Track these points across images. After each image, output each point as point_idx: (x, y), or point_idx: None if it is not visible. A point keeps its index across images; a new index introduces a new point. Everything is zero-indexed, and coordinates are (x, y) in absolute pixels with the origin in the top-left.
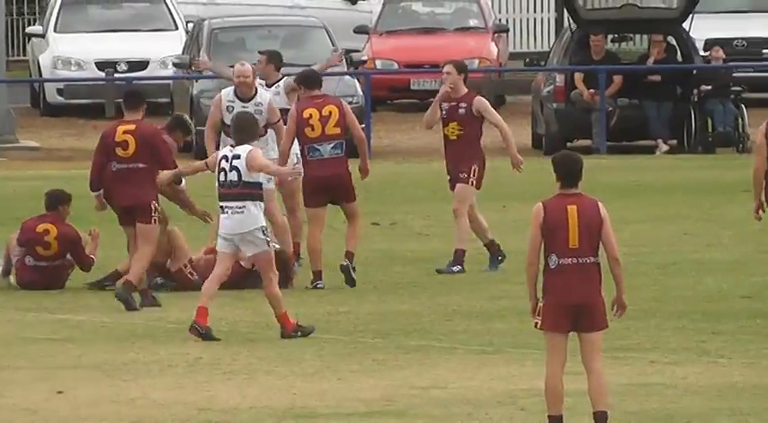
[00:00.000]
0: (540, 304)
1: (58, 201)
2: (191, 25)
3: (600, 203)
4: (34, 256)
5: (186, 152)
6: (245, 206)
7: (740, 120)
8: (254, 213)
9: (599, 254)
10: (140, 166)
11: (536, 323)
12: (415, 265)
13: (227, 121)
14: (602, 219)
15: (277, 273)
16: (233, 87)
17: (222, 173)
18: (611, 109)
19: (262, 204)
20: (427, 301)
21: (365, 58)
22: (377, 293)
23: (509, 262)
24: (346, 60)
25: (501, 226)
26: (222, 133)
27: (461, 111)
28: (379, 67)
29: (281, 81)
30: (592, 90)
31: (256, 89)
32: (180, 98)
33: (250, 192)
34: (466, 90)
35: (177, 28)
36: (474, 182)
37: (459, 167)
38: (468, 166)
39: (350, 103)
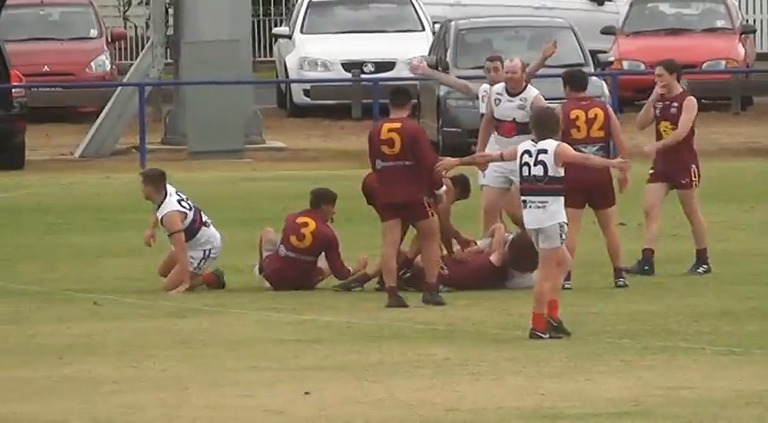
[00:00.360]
0: None
1: (321, 199)
2: (437, 26)
3: None
4: (287, 245)
5: None
6: (547, 201)
7: None
8: (556, 209)
9: None
10: (407, 163)
11: None
12: (662, 265)
13: (497, 115)
14: None
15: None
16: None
17: (525, 167)
18: None
19: (562, 199)
20: (674, 302)
21: (612, 58)
22: (624, 294)
23: (756, 264)
24: (594, 61)
25: (748, 227)
26: (493, 128)
27: (673, 110)
28: (625, 67)
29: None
30: None
31: (526, 85)
32: (426, 99)
33: (554, 187)
34: (680, 89)
35: (424, 29)
36: (695, 183)
37: (676, 172)
38: (687, 171)
39: None
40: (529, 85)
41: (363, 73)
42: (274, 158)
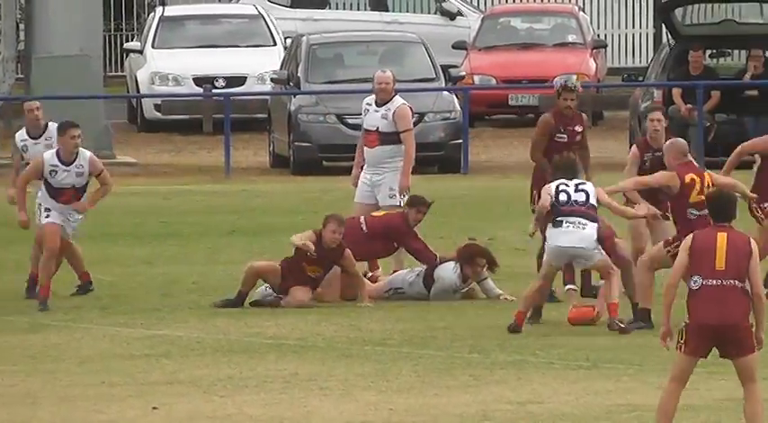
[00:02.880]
0: (683, 327)
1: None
2: (289, 41)
3: (751, 239)
4: None
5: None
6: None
7: None
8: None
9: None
10: None
11: (678, 346)
12: (512, 280)
13: (364, 126)
14: (752, 251)
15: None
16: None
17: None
18: (709, 124)
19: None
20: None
21: (463, 73)
22: (473, 308)
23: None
24: (445, 76)
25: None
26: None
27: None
28: (477, 82)
29: None
30: (689, 105)
31: (394, 95)
32: (277, 114)
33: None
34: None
35: (275, 43)
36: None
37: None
38: None
39: (447, 118)
40: (396, 96)
41: (215, 88)
42: (125, 173)
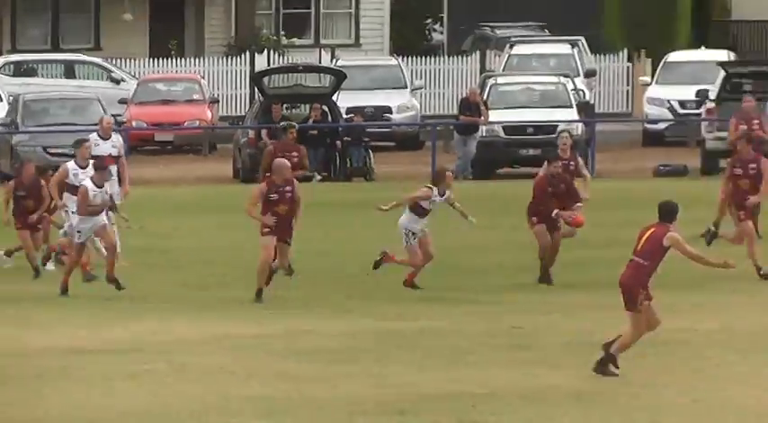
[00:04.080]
0: None
1: None
2: (11, 98)
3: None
4: None
5: None
6: None
7: (368, 159)
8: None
9: None
10: None
11: None
12: (164, 255)
13: (96, 153)
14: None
15: None
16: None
17: None
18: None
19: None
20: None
21: (125, 120)
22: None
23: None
24: (116, 123)
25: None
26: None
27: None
28: (134, 125)
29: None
30: (274, 140)
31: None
32: (4, 146)
33: None
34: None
35: (2, 100)
36: None
37: None
38: None
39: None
40: (114, 133)
41: None
42: None
